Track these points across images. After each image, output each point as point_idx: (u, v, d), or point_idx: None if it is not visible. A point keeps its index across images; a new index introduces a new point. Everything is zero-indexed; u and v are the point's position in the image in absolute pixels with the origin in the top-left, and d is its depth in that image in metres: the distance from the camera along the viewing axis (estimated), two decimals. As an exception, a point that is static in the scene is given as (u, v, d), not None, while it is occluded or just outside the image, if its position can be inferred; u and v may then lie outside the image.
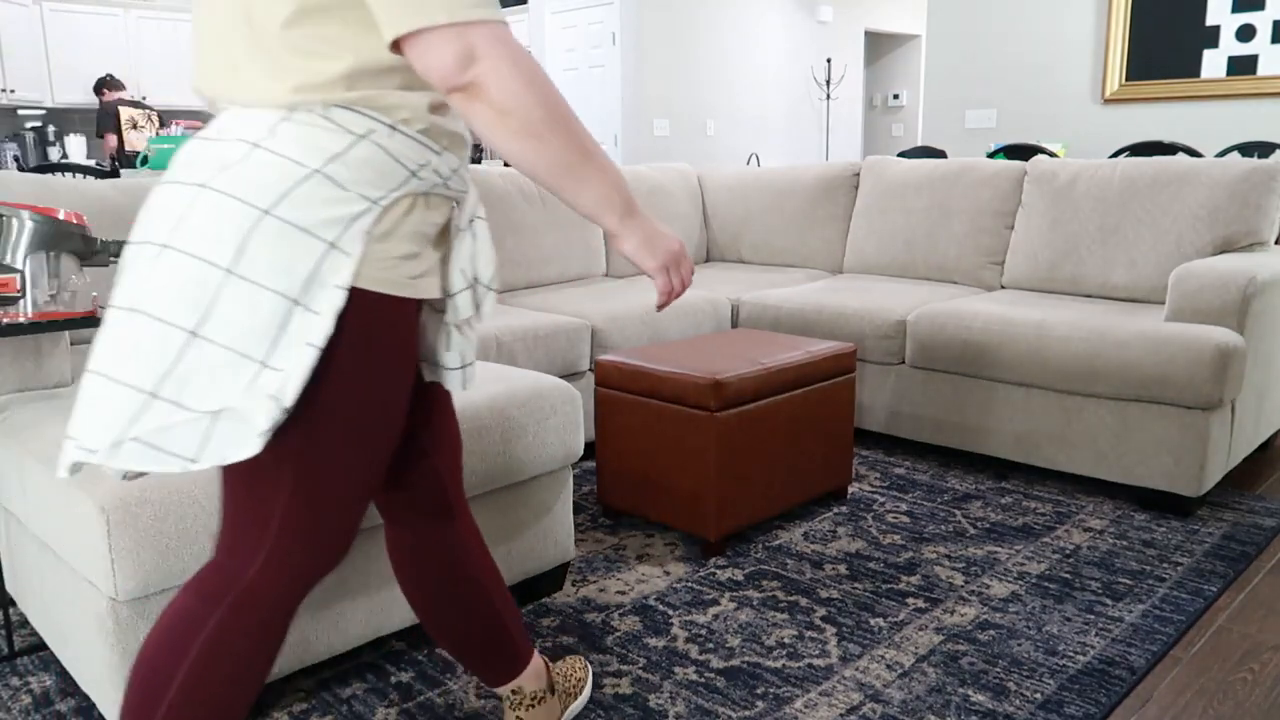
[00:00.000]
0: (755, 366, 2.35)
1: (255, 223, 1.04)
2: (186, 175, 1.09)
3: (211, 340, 1.04)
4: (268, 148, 1.06)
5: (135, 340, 1.05)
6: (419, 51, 1.05)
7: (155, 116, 6.54)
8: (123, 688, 1.49)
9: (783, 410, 2.43)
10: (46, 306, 1.79)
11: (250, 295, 1.04)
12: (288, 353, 1.05)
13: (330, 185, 1.06)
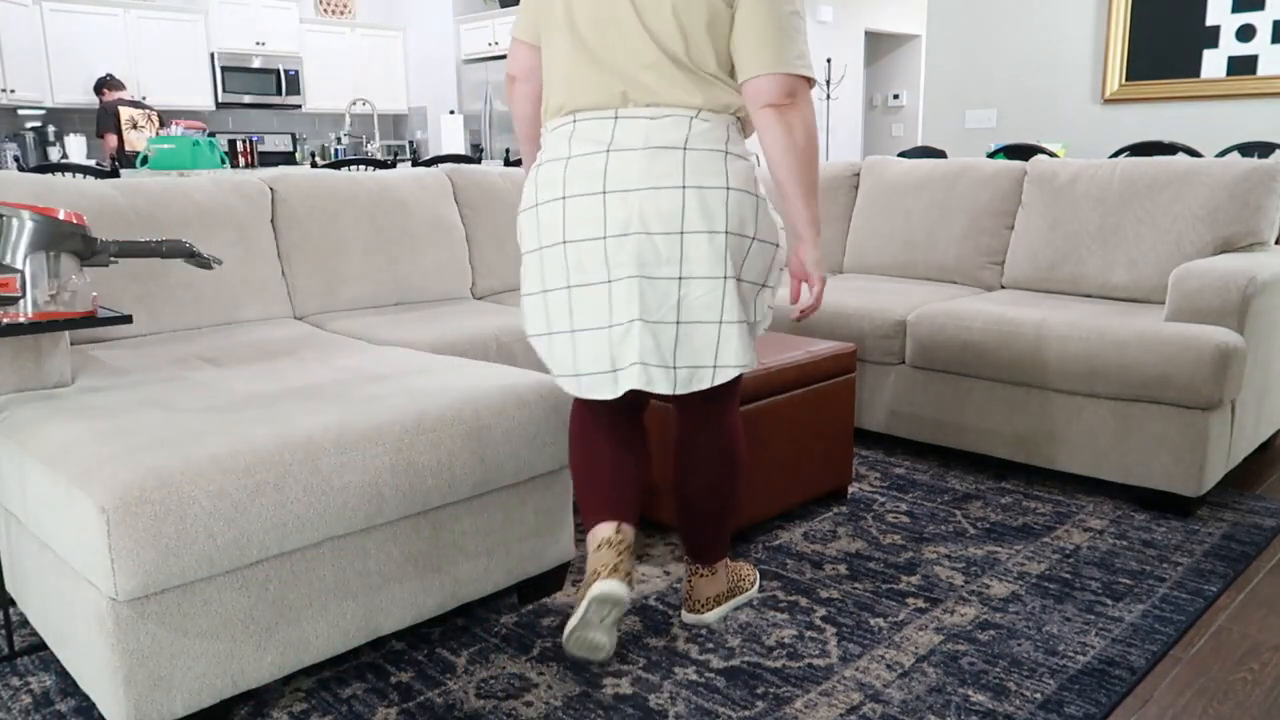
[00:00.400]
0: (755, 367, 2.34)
1: (755, 204, 1.65)
2: (699, 179, 1.62)
3: (745, 280, 1.68)
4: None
5: (713, 294, 1.64)
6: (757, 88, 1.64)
7: (155, 116, 6.55)
8: (123, 688, 1.49)
9: (783, 410, 2.43)
10: (46, 306, 1.79)
11: (761, 250, 1.68)
12: (774, 277, 1.73)
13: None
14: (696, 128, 1.63)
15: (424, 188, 3.25)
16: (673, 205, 1.60)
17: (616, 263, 1.63)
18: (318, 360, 2.23)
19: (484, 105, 8.86)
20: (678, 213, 1.60)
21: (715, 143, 1.63)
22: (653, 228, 1.60)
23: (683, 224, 1.60)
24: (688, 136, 1.62)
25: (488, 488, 1.90)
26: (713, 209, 1.60)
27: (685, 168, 1.60)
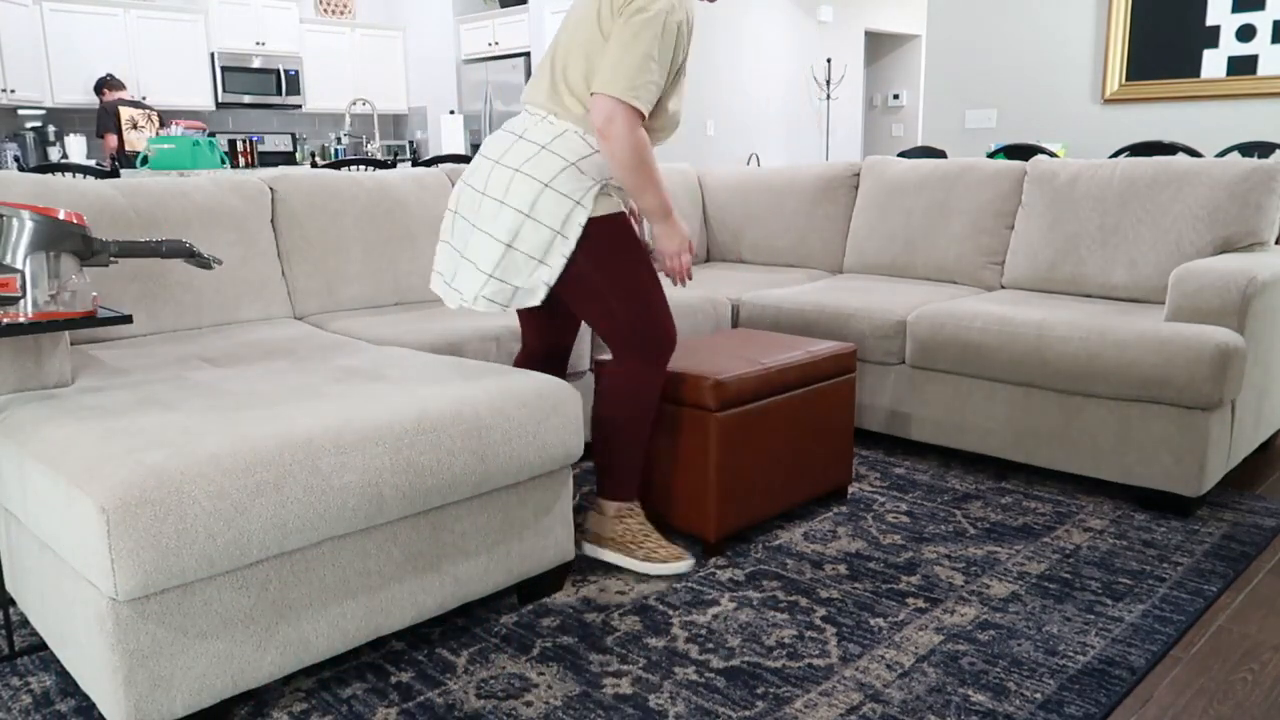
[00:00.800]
0: (755, 366, 2.36)
1: (540, 191, 2.05)
2: (507, 160, 2.09)
3: (518, 249, 2.07)
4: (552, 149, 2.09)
5: (485, 248, 2.08)
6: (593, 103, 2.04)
7: (155, 116, 6.55)
8: (123, 688, 1.49)
9: (783, 410, 2.43)
10: (46, 306, 1.79)
11: (536, 228, 2.06)
12: (552, 258, 2.08)
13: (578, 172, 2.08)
14: (537, 125, 2.12)
15: (424, 188, 3.25)
16: (488, 173, 2.12)
17: (454, 200, 2.22)
18: (318, 360, 2.23)
19: (484, 105, 8.87)
20: (485, 178, 2.12)
21: (540, 138, 2.09)
22: (475, 184, 2.15)
23: (485, 188, 2.12)
24: (524, 130, 2.13)
25: (488, 488, 1.90)
26: (501, 183, 2.09)
27: (509, 150, 2.11)
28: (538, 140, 2.08)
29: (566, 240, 2.07)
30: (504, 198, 2.06)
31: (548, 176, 2.05)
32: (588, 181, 2.07)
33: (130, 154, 6.06)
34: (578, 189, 2.06)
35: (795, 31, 8.29)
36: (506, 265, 2.07)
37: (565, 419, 2.01)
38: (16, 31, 7.11)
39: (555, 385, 2.02)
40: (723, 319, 3.35)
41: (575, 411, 2.03)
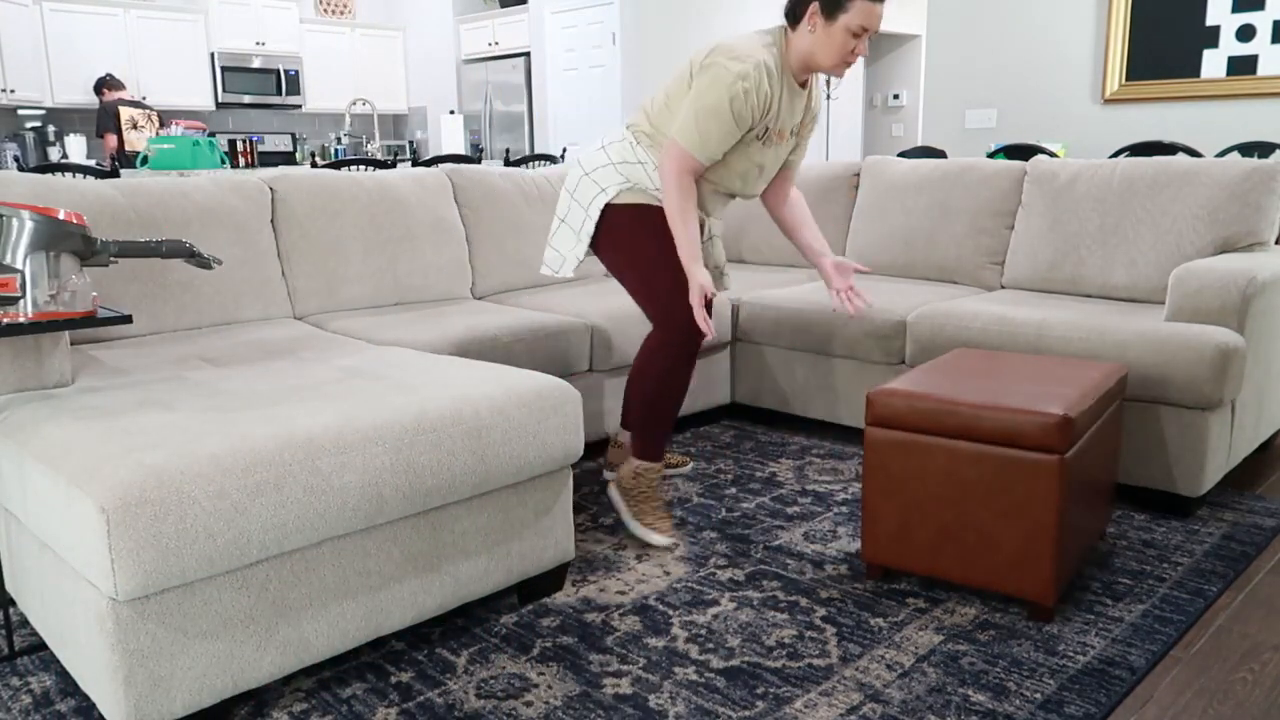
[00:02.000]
0: (1084, 397, 2.01)
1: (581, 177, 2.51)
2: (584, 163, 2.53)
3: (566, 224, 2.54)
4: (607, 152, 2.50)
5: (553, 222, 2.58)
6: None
7: (155, 116, 6.54)
8: (123, 688, 1.49)
9: (1096, 443, 2.11)
10: (46, 306, 1.79)
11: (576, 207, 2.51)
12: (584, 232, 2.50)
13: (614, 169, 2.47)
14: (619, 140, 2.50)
15: (424, 188, 3.25)
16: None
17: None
18: (318, 360, 2.23)
19: (484, 105, 8.86)
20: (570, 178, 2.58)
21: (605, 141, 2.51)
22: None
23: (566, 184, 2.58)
24: (608, 143, 2.52)
25: (488, 488, 1.90)
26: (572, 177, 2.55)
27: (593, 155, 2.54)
28: (604, 141, 2.51)
29: (589, 219, 2.46)
30: (566, 184, 2.55)
31: (591, 168, 2.48)
32: (618, 179, 2.43)
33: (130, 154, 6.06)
34: (609, 182, 2.44)
35: (795, 31, 8.28)
36: (558, 235, 2.55)
37: (565, 419, 2.01)
38: (16, 31, 7.10)
39: (555, 385, 2.02)
40: (723, 319, 3.35)
41: (575, 411, 2.03)
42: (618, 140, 2.47)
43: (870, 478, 2.15)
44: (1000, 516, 1.99)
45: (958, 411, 2.01)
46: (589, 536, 2.47)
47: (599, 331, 2.99)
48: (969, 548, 2.03)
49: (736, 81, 2.22)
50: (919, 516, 2.09)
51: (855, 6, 2.24)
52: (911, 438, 2.08)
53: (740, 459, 3.07)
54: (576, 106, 7.87)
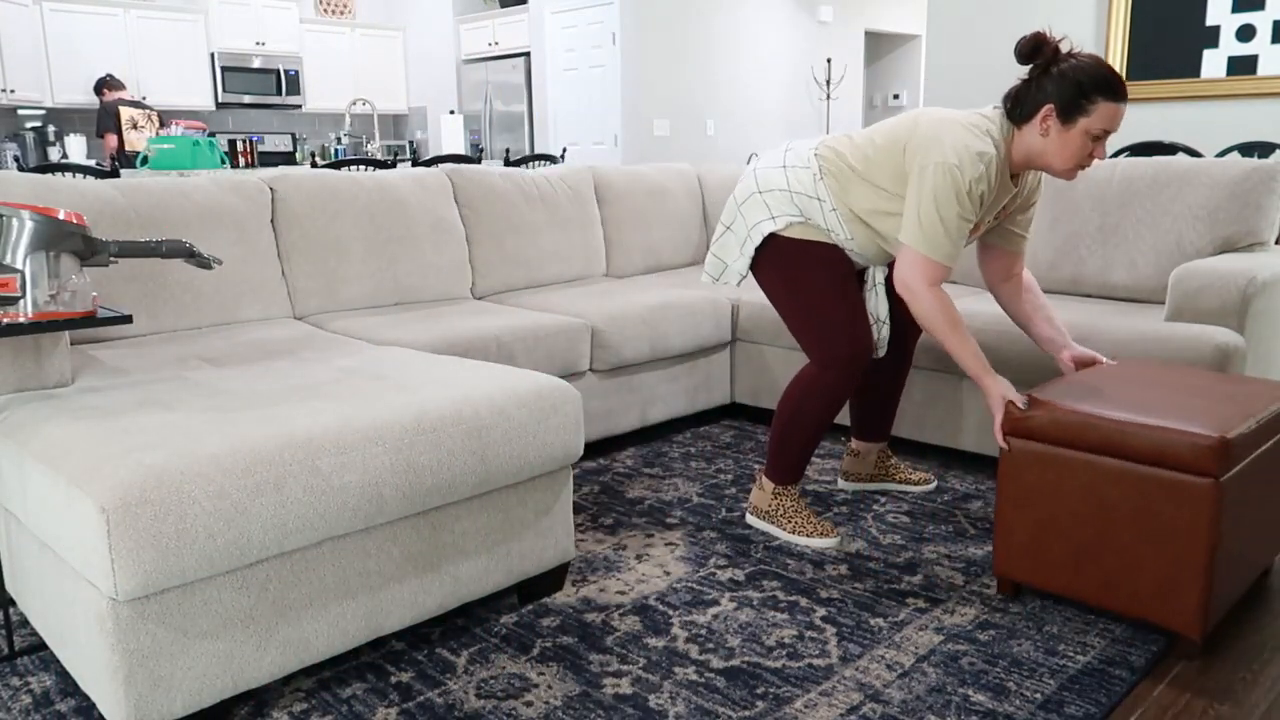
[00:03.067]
0: (1247, 416, 1.87)
1: (752, 193, 2.37)
2: (761, 162, 2.41)
3: (732, 232, 2.43)
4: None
5: (720, 233, 2.46)
6: (899, 249, 2.21)
7: (155, 116, 6.55)
8: (123, 688, 1.49)
9: (1262, 469, 1.97)
10: (46, 306, 1.79)
11: (742, 222, 2.40)
12: (747, 250, 2.38)
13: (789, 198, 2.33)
14: (798, 155, 2.36)
15: (424, 188, 3.25)
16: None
17: None
18: (318, 360, 2.23)
19: (484, 105, 8.86)
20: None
21: (788, 161, 2.35)
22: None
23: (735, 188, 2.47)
24: (790, 156, 2.38)
25: (488, 488, 1.90)
26: (744, 183, 2.43)
27: (772, 157, 2.42)
28: (786, 162, 2.34)
29: (750, 243, 2.36)
30: (735, 189, 2.43)
31: (766, 187, 2.34)
32: (792, 210, 2.30)
33: (130, 154, 6.06)
34: (781, 211, 2.31)
35: (795, 31, 8.29)
36: (722, 241, 2.44)
37: (565, 419, 2.01)
38: (16, 31, 7.10)
39: (555, 385, 2.02)
40: (722, 319, 3.35)
41: (575, 411, 2.03)
42: (801, 166, 2.29)
43: (1004, 489, 2.05)
44: (1145, 540, 1.86)
45: (1101, 426, 1.88)
46: (589, 536, 2.47)
47: (599, 331, 2.99)
48: (1109, 570, 1.92)
49: (974, 187, 2.08)
50: (1055, 533, 1.98)
51: (1098, 109, 2.04)
52: (1051, 450, 1.97)
53: (740, 459, 3.07)
54: (576, 106, 7.87)
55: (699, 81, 7.61)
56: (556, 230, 3.58)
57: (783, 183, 2.30)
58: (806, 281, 2.31)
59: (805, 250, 2.32)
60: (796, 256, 2.32)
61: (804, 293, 2.31)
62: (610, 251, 3.84)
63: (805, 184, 2.28)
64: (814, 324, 2.31)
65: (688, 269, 4.05)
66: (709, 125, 7.74)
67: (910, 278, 2.15)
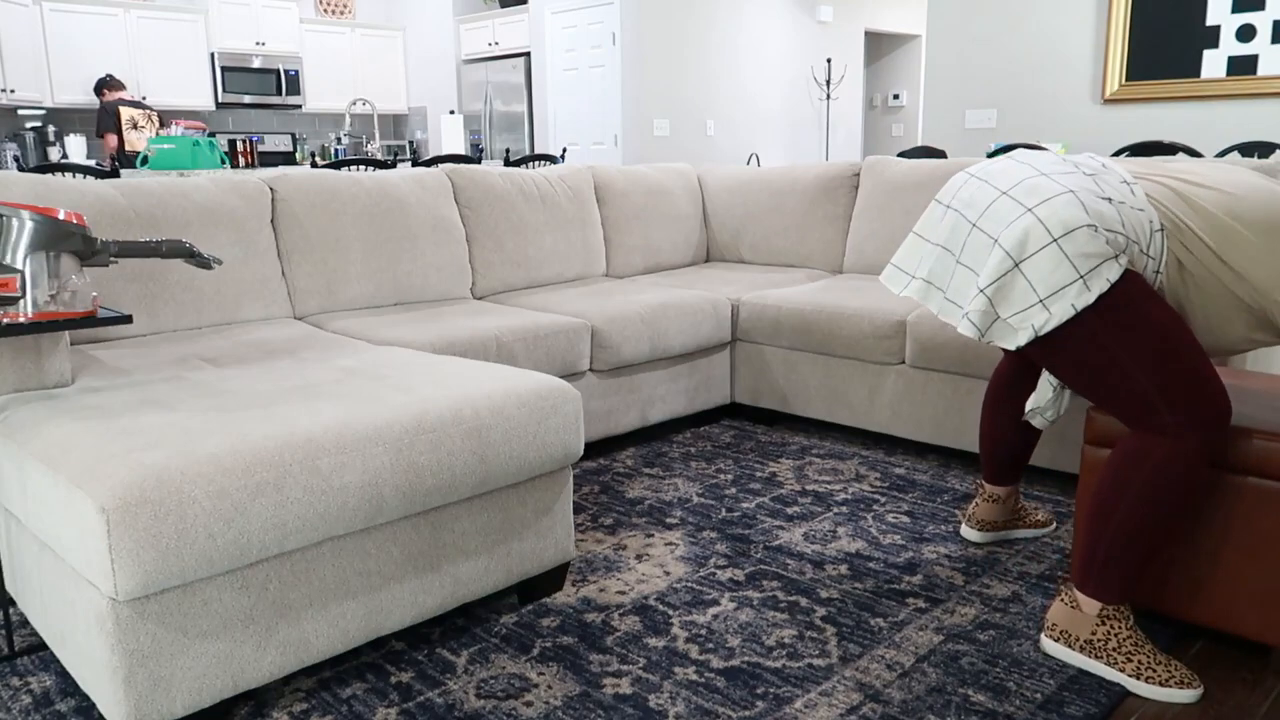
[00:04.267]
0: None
1: (1084, 224, 1.71)
2: (1063, 180, 1.79)
3: (1023, 274, 1.73)
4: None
5: (986, 254, 1.79)
6: None
7: (155, 116, 6.55)
8: (123, 688, 1.49)
9: None
10: (46, 306, 1.79)
11: (1058, 259, 1.70)
12: (1059, 304, 1.71)
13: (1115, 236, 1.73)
14: (1127, 186, 1.83)
15: (424, 188, 3.25)
16: (1021, 178, 1.84)
17: (954, 197, 1.95)
18: (318, 360, 2.23)
19: (484, 105, 8.86)
20: (1015, 181, 1.85)
21: (1126, 198, 1.80)
22: (996, 182, 1.88)
23: (1012, 188, 1.83)
24: (1113, 183, 1.83)
25: (488, 488, 1.90)
26: (1046, 194, 1.78)
27: (1074, 176, 1.83)
28: (1114, 195, 1.76)
29: (1087, 292, 1.69)
30: (1033, 205, 1.74)
31: (1103, 223, 1.71)
32: (1132, 255, 1.76)
33: (130, 154, 6.06)
34: (1120, 249, 1.72)
35: (795, 31, 8.29)
36: (1002, 286, 1.75)
37: (565, 419, 2.01)
38: (16, 31, 7.10)
39: (555, 385, 2.02)
40: (722, 319, 3.35)
41: (575, 411, 2.03)
42: (1134, 207, 1.76)
43: (1086, 498, 1.99)
44: (1243, 553, 1.80)
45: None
46: (589, 536, 2.47)
47: (599, 331, 2.99)
48: (1199, 583, 1.85)
49: None
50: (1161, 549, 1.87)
51: None
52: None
53: (740, 459, 3.07)
54: (576, 106, 7.87)
55: (699, 81, 7.61)
56: (556, 230, 3.58)
57: (1117, 221, 1.73)
58: (1161, 328, 1.71)
59: (1141, 285, 1.74)
60: (1143, 299, 1.73)
61: (1161, 343, 1.71)
62: (610, 251, 3.84)
63: (1141, 233, 1.76)
64: (1180, 377, 1.70)
65: (688, 269, 4.05)
66: (709, 125, 7.74)
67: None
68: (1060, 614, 1.85)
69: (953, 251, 1.87)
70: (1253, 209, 1.76)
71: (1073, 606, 1.83)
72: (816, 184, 3.90)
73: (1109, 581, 1.77)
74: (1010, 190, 1.79)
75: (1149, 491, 1.71)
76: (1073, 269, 1.69)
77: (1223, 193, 1.78)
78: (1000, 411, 2.28)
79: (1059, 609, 1.85)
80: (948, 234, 1.89)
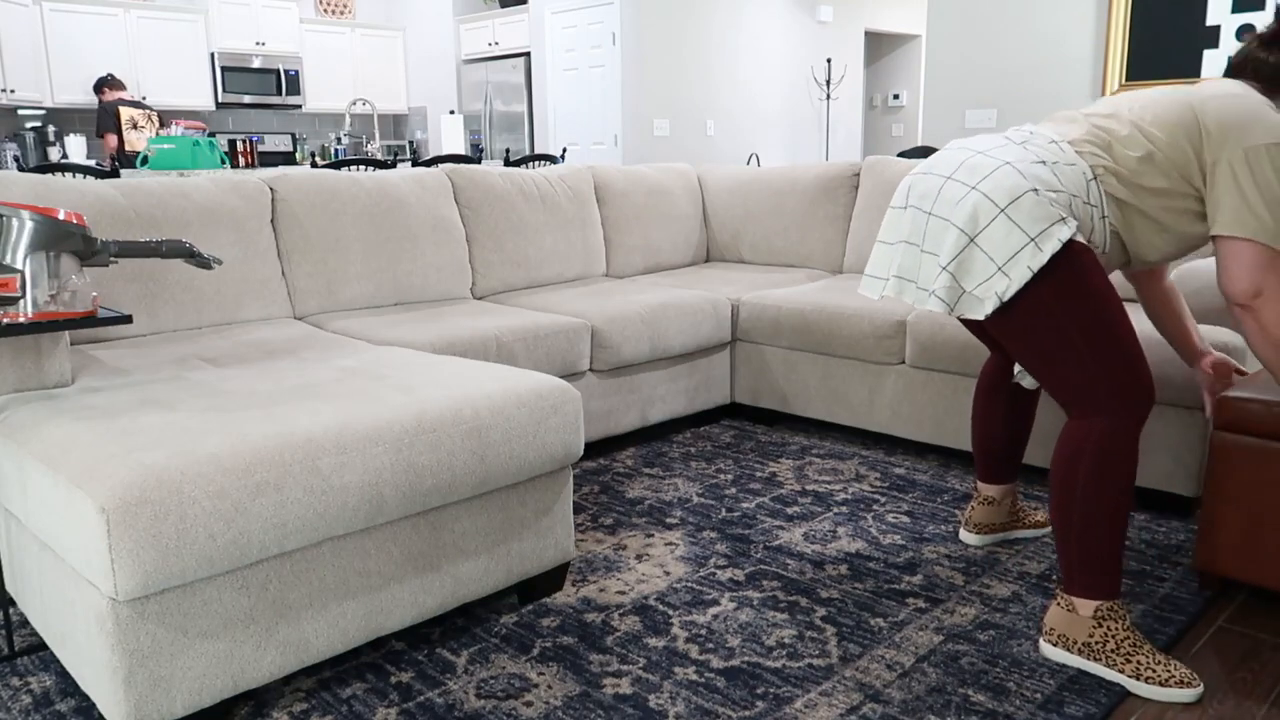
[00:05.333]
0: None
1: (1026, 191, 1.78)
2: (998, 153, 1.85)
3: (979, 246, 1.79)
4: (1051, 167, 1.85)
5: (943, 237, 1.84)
6: (1226, 250, 1.81)
7: (155, 116, 6.55)
8: (123, 688, 1.49)
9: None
10: (46, 306, 1.79)
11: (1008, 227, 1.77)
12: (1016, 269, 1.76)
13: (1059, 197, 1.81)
14: (1051, 146, 1.89)
15: (424, 188, 3.25)
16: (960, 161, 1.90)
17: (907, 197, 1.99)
18: (318, 360, 2.23)
19: (484, 105, 8.86)
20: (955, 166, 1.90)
21: (1051, 157, 1.86)
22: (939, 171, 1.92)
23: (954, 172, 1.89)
24: (1032, 143, 1.90)
25: (488, 488, 1.90)
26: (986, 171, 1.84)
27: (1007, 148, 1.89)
28: (1046, 157, 1.85)
29: (1039, 253, 1.75)
30: (976, 183, 1.81)
31: (1043, 186, 1.79)
32: (1074, 215, 1.82)
33: (130, 154, 6.06)
34: (1067, 213, 1.79)
35: (795, 31, 8.29)
36: (962, 261, 1.81)
37: (565, 419, 2.01)
38: (16, 31, 7.10)
39: (555, 385, 2.02)
40: (722, 319, 3.35)
41: (575, 411, 2.03)
42: (1066, 163, 1.85)
43: (1215, 485, 2.01)
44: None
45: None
46: (589, 536, 2.47)
47: (599, 331, 2.99)
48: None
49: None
50: (1273, 529, 1.96)
51: None
52: (1270, 446, 1.93)
53: (740, 459, 3.07)
54: (576, 106, 7.87)
55: (699, 81, 7.61)
56: (556, 230, 3.58)
57: (1054, 181, 1.81)
58: (1104, 302, 1.79)
59: (1092, 260, 1.81)
60: (1091, 270, 1.79)
61: (1103, 316, 1.78)
62: (610, 251, 3.84)
63: (1078, 186, 1.84)
64: (1119, 357, 1.78)
65: (688, 269, 4.05)
66: (709, 125, 7.73)
67: (1258, 280, 1.78)
68: (1057, 618, 1.86)
69: (916, 243, 1.93)
70: (1156, 119, 1.86)
71: (1069, 610, 1.84)
72: (816, 184, 3.90)
73: (1091, 576, 1.80)
74: (954, 174, 1.87)
75: (1098, 470, 1.78)
76: (1023, 234, 1.76)
77: (1132, 121, 1.88)
78: (989, 410, 2.31)
79: (1056, 613, 1.86)
80: (909, 229, 1.95)
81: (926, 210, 1.90)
